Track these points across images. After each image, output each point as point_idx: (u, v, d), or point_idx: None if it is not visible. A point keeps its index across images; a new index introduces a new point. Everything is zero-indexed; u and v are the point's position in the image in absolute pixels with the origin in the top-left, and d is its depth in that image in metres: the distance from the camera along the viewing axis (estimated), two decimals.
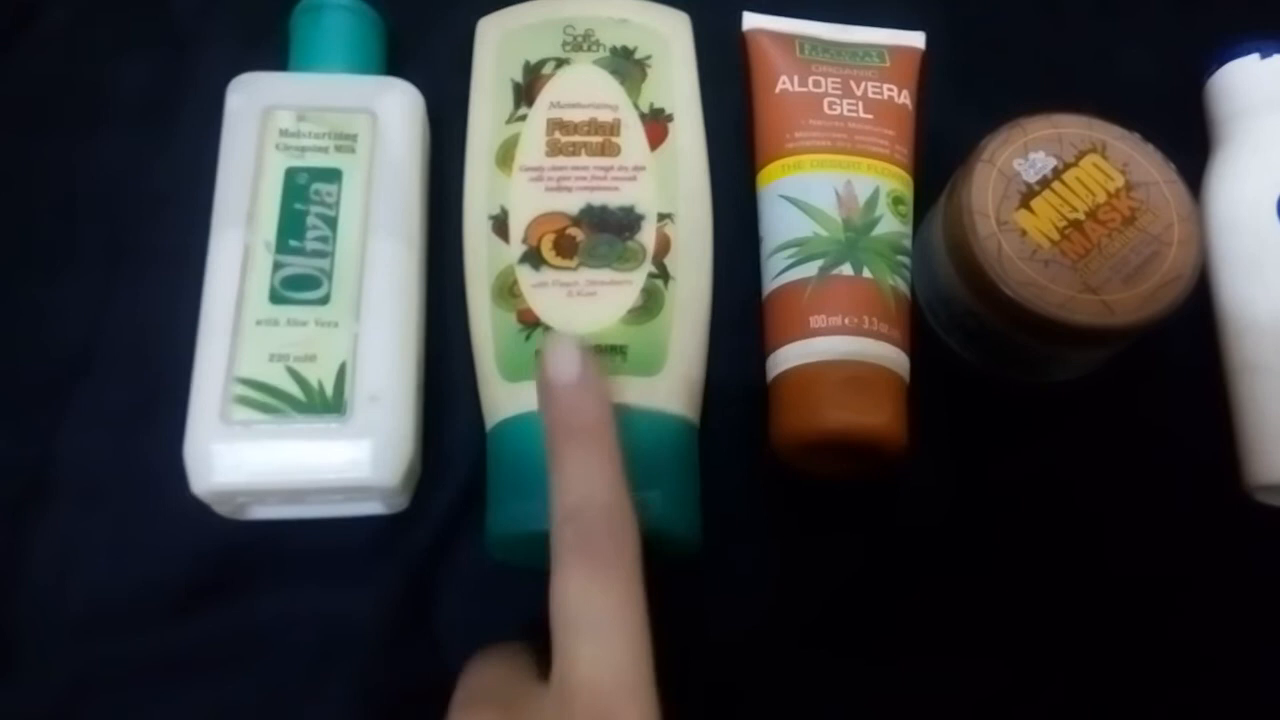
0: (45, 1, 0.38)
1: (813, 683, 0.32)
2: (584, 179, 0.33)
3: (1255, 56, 0.38)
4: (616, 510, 0.24)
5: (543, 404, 0.26)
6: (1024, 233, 0.32)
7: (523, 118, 0.34)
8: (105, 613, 0.31)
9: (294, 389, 0.29)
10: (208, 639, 0.31)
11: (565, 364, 0.26)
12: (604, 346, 0.31)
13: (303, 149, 0.32)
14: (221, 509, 0.31)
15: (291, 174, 0.32)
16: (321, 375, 0.30)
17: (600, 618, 0.22)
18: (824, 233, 0.34)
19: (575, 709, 0.22)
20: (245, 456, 0.29)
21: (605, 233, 0.33)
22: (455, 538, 0.33)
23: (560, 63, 0.35)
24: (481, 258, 0.33)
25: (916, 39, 0.39)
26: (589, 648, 0.22)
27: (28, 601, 0.31)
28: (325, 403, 0.29)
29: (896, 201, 0.35)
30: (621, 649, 0.22)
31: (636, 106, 0.35)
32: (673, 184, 0.34)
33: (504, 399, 0.31)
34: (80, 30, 0.38)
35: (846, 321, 0.33)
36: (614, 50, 0.35)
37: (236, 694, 0.31)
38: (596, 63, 0.35)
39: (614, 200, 0.33)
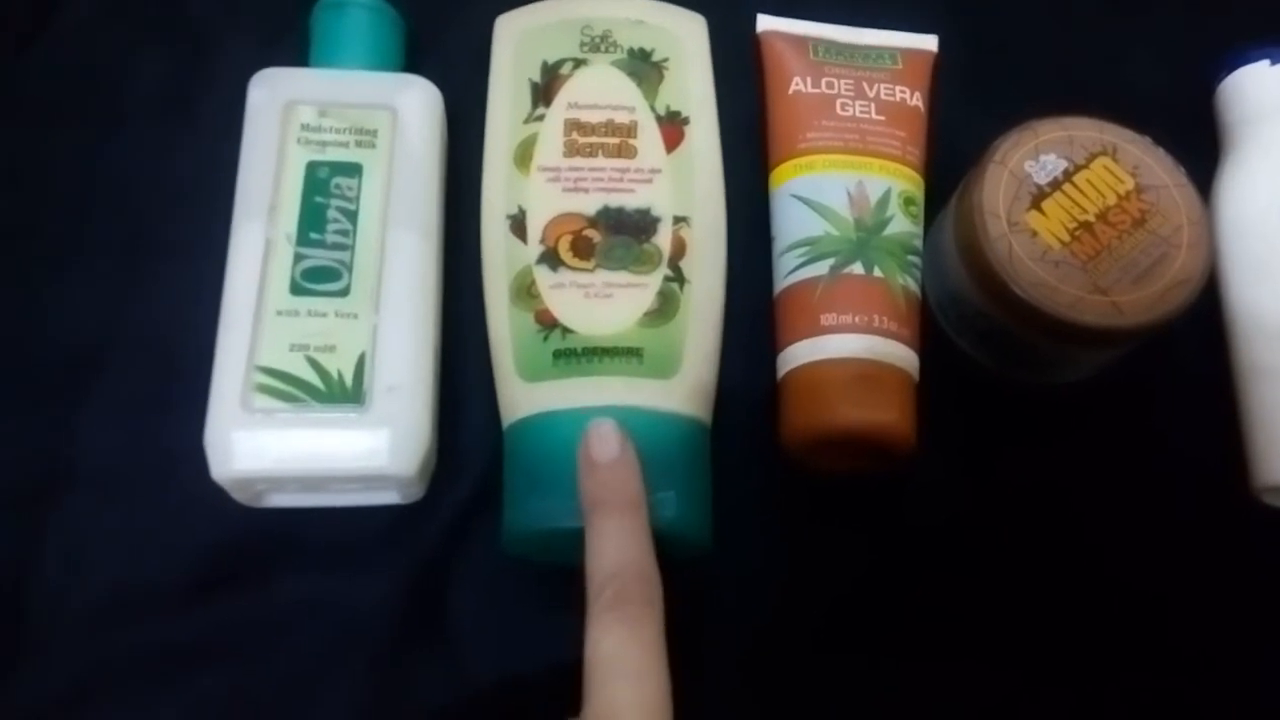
0: None
1: (822, 680, 0.33)
2: (601, 180, 0.34)
3: (1265, 63, 0.38)
4: (649, 576, 0.27)
5: (583, 479, 0.29)
6: (1035, 234, 0.32)
7: (540, 118, 0.35)
8: (122, 600, 0.31)
9: (314, 378, 0.30)
10: (222, 626, 0.31)
11: (607, 444, 0.29)
12: (621, 349, 0.31)
13: (324, 144, 0.33)
14: (240, 496, 0.31)
15: (313, 168, 0.33)
16: (341, 365, 0.30)
17: (634, 667, 0.25)
18: (835, 232, 0.34)
19: None
20: (265, 443, 0.29)
21: (622, 234, 0.33)
22: (470, 528, 0.33)
23: (578, 63, 0.35)
24: (499, 257, 0.33)
25: (929, 42, 0.39)
26: (625, 692, 0.25)
27: (46, 588, 0.31)
28: (344, 392, 0.30)
29: (908, 202, 0.35)
30: (652, 694, 0.25)
31: (653, 109, 0.35)
32: (688, 187, 0.34)
33: (522, 398, 0.31)
34: (101, 25, 0.39)
35: (857, 320, 0.33)
36: (631, 52, 0.36)
37: (250, 681, 0.31)
38: (614, 64, 0.35)
39: (630, 202, 0.33)
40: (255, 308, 0.31)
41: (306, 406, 0.30)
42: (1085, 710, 0.33)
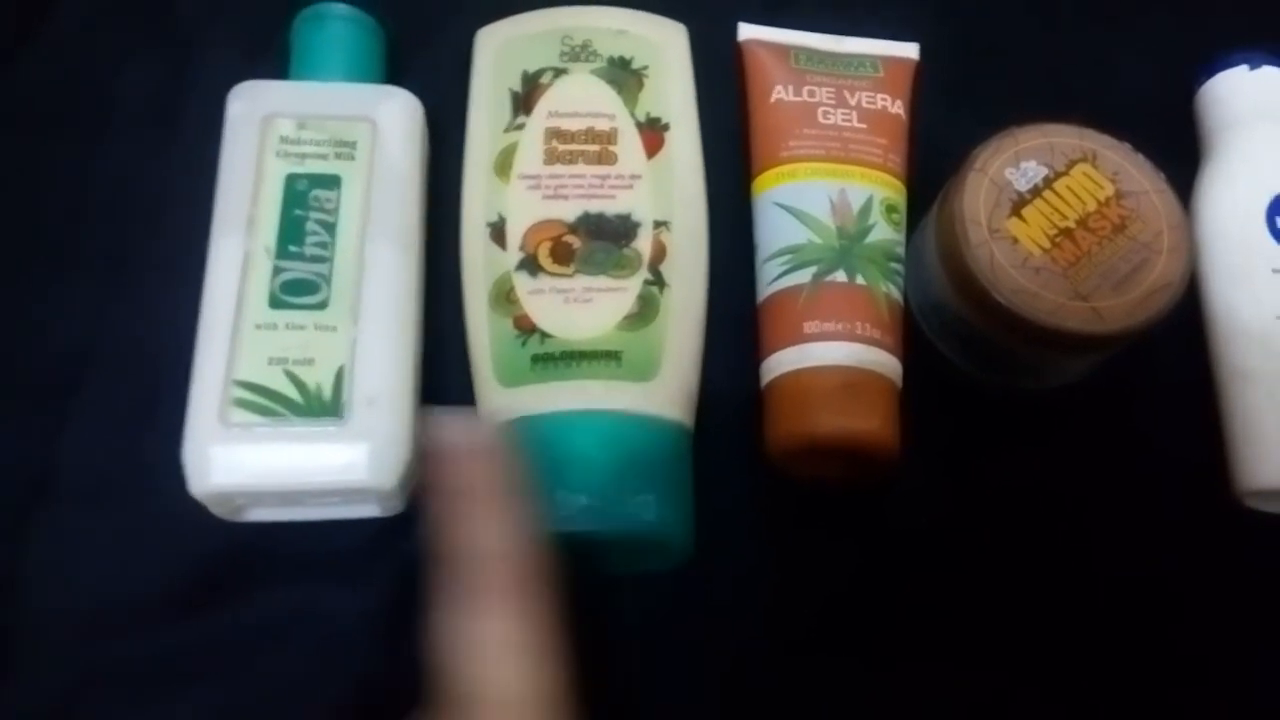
0: (50, 9, 0.39)
1: (807, 686, 0.33)
2: (581, 187, 0.34)
3: (1244, 68, 0.38)
4: (511, 551, 0.24)
5: (435, 472, 0.27)
6: (1015, 241, 0.32)
7: (521, 126, 0.35)
8: (104, 614, 0.31)
9: (292, 392, 0.30)
10: (205, 640, 0.31)
11: (452, 436, 0.27)
12: (599, 352, 0.31)
13: (303, 156, 0.33)
14: (219, 510, 0.31)
15: (291, 180, 0.32)
16: (320, 378, 0.30)
17: (497, 642, 0.23)
18: (818, 240, 0.34)
19: None
20: (244, 458, 0.29)
21: (602, 240, 0.33)
22: None
23: (558, 72, 0.35)
24: (479, 264, 0.33)
25: (910, 50, 0.39)
26: (490, 668, 0.23)
27: (27, 602, 0.31)
28: (323, 406, 0.30)
29: (890, 209, 0.35)
30: (522, 665, 0.23)
31: (633, 115, 0.35)
32: (669, 192, 0.34)
33: (500, 404, 0.31)
34: (84, 37, 0.39)
35: (840, 328, 0.33)
36: (611, 60, 0.36)
37: (233, 695, 0.31)
38: (594, 72, 0.36)
39: (610, 208, 0.33)
40: (233, 321, 0.30)
41: (285, 420, 0.29)
42: (1072, 711, 0.33)
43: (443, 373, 0.34)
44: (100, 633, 0.31)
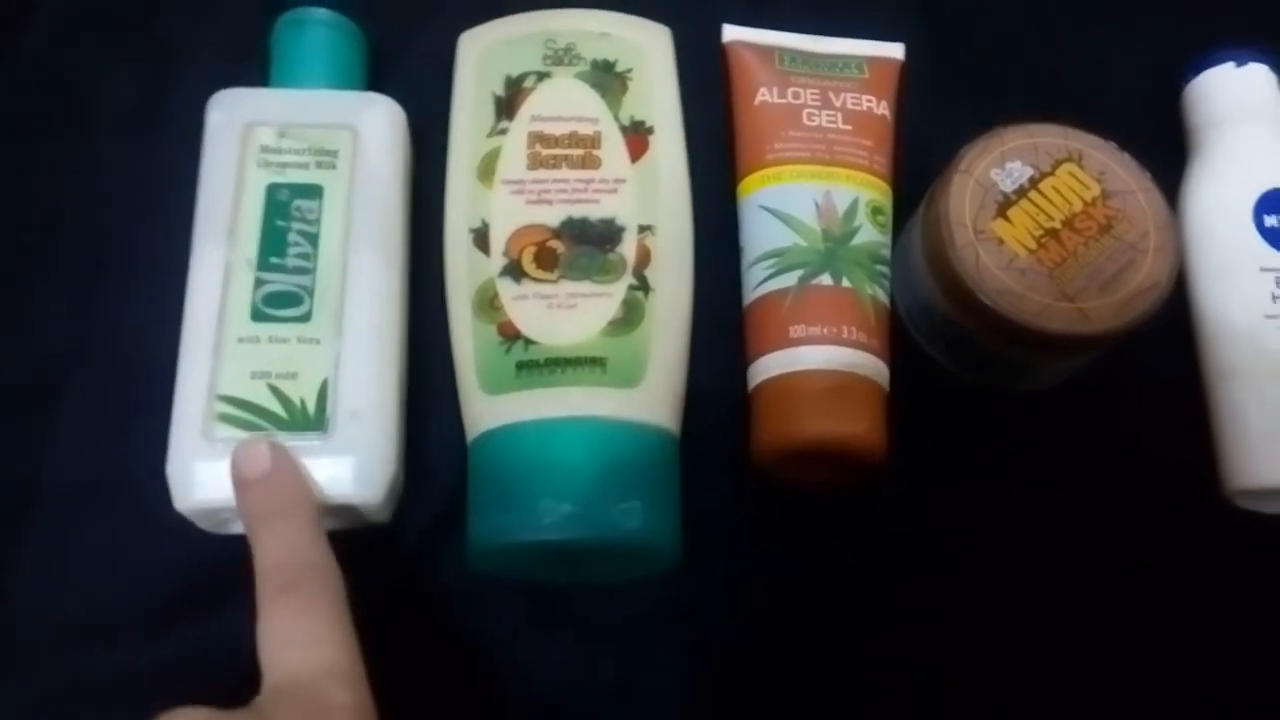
0: (31, 15, 0.39)
1: (798, 688, 0.33)
2: (565, 191, 0.34)
3: (1230, 65, 0.38)
4: (319, 564, 0.26)
5: (239, 498, 0.28)
6: (1001, 242, 0.32)
7: (504, 131, 0.34)
8: (86, 626, 0.31)
9: (276, 406, 0.30)
10: (188, 654, 0.31)
11: (255, 461, 0.28)
12: (584, 359, 0.31)
13: (284, 165, 0.33)
14: (204, 524, 0.31)
15: (273, 190, 0.32)
16: (303, 392, 0.30)
17: (307, 634, 0.25)
18: (804, 243, 0.34)
19: (291, 699, 0.24)
20: (227, 473, 0.29)
21: (586, 245, 0.33)
22: (437, 551, 0.33)
23: (541, 76, 0.35)
24: (462, 271, 0.33)
25: (895, 50, 0.39)
26: (297, 652, 0.25)
27: (10, 614, 0.31)
28: (307, 420, 0.30)
29: (875, 211, 0.35)
30: (330, 650, 0.25)
31: (617, 119, 0.35)
32: (653, 196, 0.34)
33: (484, 412, 0.31)
34: (65, 44, 0.38)
35: (826, 331, 0.33)
36: (595, 63, 0.36)
37: (222, 706, 0.31)
38: (577, 76, 0.35)
39: (595, 213, 0.33)
40: (216, 335, 0.30)
41: (268, 435, 0.29)
42: (1063, 711, 0.33)
43: (429, 381, 0.34)
44: (81, 645, 0.31)
